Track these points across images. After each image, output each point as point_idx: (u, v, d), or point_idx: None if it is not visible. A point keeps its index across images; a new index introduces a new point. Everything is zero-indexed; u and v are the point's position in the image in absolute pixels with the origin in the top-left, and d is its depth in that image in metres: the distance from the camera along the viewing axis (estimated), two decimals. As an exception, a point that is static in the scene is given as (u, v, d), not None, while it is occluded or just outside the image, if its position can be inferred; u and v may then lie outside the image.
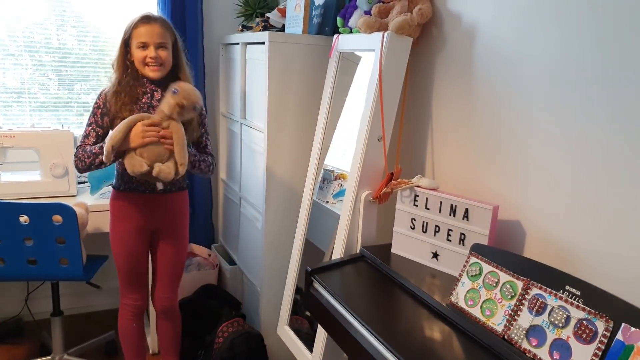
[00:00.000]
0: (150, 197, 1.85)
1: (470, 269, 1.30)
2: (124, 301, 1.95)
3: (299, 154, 2.16)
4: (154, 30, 1.74)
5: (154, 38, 1.74)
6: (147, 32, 1.74)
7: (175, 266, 1.97)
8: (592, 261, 1.24)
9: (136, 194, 1.84)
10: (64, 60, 2.58)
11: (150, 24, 1.75)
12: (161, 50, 1.76)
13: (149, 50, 1.74)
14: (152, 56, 1.74)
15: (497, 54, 1.50)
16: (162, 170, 1.68)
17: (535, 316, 1.10)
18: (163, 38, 1.76)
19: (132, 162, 1.68)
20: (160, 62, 1.76)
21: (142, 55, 1.75)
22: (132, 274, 1.90)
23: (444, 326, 1.27)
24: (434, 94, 1.78)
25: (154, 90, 1.83)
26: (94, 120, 1.80)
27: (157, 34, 1.74)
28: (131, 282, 1.92)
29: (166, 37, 1.77)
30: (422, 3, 1.68)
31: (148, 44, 1.74)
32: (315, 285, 1.57)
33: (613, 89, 1.18)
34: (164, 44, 1.76)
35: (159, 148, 1.69)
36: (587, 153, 1.25)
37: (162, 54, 1.76)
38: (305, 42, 2.07)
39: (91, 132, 1.79)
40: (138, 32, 1.74)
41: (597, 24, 1.21)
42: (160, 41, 1.75)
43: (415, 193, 1.57)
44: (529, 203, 1.41)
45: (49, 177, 2.23)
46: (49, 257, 1.93)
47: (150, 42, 1.74)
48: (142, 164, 1.67)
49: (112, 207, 1.89)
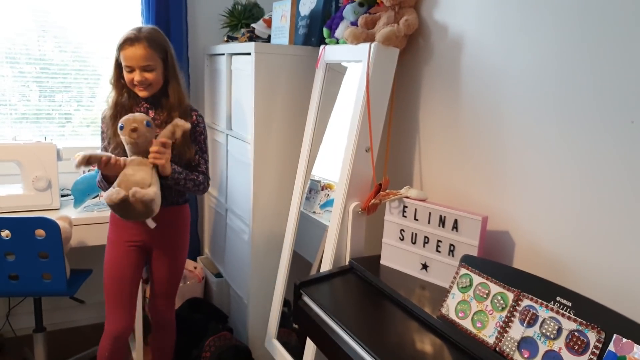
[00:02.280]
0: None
1: (460, 281, 1.28)
2: (105, 327, 1.85)
3: (286, 164, 2.14)
4: (138, 53, 1.67)
5: (139, 61, 1.67)
6: (132, 55, 1.67)
7: (172, 277, 1.94)
8: (582, 271, 1.24)
9: None
10: (45, 71, 2.52)
11: (134, 45, 1.67)
12: (147, 73, 1.70)
13: (135, 73, 1.69)
14: (137, 80, 1.69)
15: (483, 65, 1.50)
16: (137, 191, 1.59)
17: (526, 328, 1.09)
18: (148, 60, 1.68)
19: (109, 193, 1.61)
20: (147, 84, 1.71)
21: (129, 77, 1.71)
22: (117, 292, 1.81)
23: (434, 338, 1.26)
24: (421, 105, 1.78)
25: (148, 109, 1.80)
26: (102, 146, 1.82)
27: (141, 57, 1.67)
28: (115, 303, 1.82)
29: (152, 58, 1.69)
30: (408, 14, 1.68)
31: (134, 67, 1.69)
32: (304, 298, 1.54)
33: (601, 99, 1.18)
34: (150, 66, 1.69)
35: (136, 177, 1.63)
36: (575, 163, 1.25)
37: (148, 77, 1.70)
38: (291, 52, 2.06)
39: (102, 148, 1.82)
40: (124, 55, 1.68)
41: (583, 34, 1.22)
42: (144, 64, 1.68)
43: (404, 204, 1.56)
44: (517, 213, 1.41)
45: (31, 190, 2.17)
46: (32, 272, 1.87)
47: (135, 66, 1.68)
48: (118, 192, 1.59)
49: (110, 219, 1.87)
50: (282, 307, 2.09)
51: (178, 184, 1.76)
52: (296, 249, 2.07)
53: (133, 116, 1.67)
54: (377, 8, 1.79)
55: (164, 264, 1.89)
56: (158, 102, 1.79)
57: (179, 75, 1.80)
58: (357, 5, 1.83)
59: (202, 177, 1.84)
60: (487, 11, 1.48)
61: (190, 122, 1.79)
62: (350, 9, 1.83)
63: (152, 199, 1.62)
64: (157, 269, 1.90)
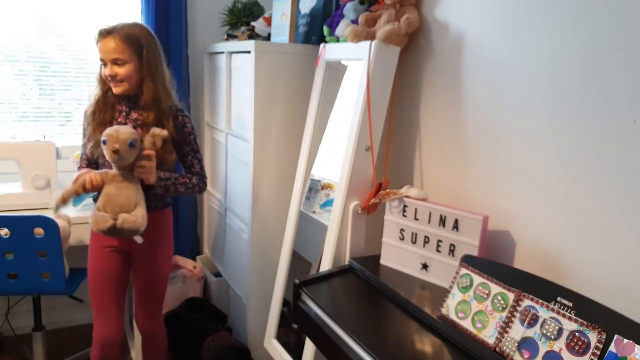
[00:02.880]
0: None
1: (460, 281, 1.28)
2: (93, 335, 1.80)
3: (286, 163, 2.13)
4: (108, 46, 1.63)
5: (109, 54, 1.64)
6: (102, 48, 1.64)
7: (154, 290, 1.86)
8: (584, 272, 1.24)
9: None
10: (45, 70, 2.52)
11: (105, 38, 1.64)
12: (117, 67, 1.65)
13: (107, 67, 1.65)
14: (107, 74, 1.65)
15: (485, 63, 1.50)
16: (125, 220, 1.57)
17: (527, 328, 1.09)
18: (118, 53, 1.63)
19: (96, 220, 1.58)
20: (117, 79, 1.66)
21: (103, 72, 1.68)
22: (102, 298, 1.77)
23: (435, 339, 1.25)
24: (422, 104, 1.78)
25: (131, 109, 1.74)
26: (84, 142, 1.78)
27: (111, 50, 1.63)
28: (101, 309, 1.77)
29: (123, 52, 1.64)
30: (409, 12, 1.67)
31: (105, 60, 1.65)
32: (303, 298, 1.54)
33: (603, 97, 1.18)
34: (120, 60, 1.64)
35: (121, 198, 1.60)
36: (577, 163, 1.24)
37: (118, 71, 1.65)
38: (292, 51, 2.05)
39: (83, 155, 1.80)
40: (98, 48, 1.66)
41: (587, 33, 1.21)
42: (114, 57, 1.64)
43: (404, 203, 1.56)
44: (518, 213, 1.40)
45: (30, 188, 2.17)
46: (30, 270, 1.87)
47: (105, 59, 1.65)
48: (105, 219, 1.57)
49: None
50: (281, 306, 2.09)
51: (168, 191, 1.71)
52: (296, 249, 2.07)
53: (117, 132, 1.57)
54: (377, 6, 1.78)
55: (144, 274, 1.82)
56: (137, 103, 1.72)
57: (158, 73, 1.71)
58: (358, 3, 1.82)
59: (197, 178, 1.80)
60: (489, 9, 1.47)
61: (177, 123, 1.74)
62: (351, 7, 1.82)
63: (140, 225, 1.60)
64: (140, 280, 1.83)
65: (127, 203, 1.60)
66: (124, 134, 1.57)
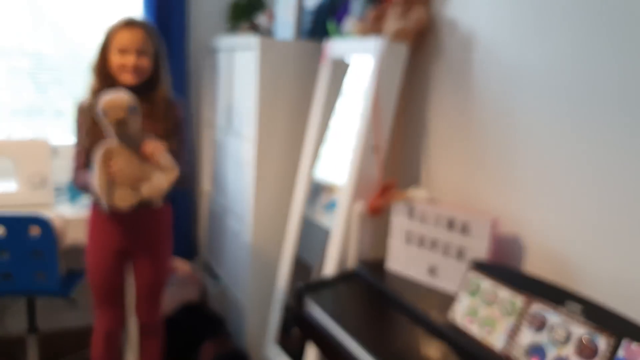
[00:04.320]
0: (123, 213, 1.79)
1: (469, 285, 1.31)
2: (95, 324, 1.91)
3: (288, 164, 2.17)
4: (136, 37, 1.72)
5: (135, 44, 1.71)
6: (128, 38, 1.71)
7: (154, 286, 1.94)
8: (594, 276, 1.27)
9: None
10: (39, 65, 2.56)
11: (133, 29, 1.72)
12: (142, 58, 1.73)
13: (128, 57, 1.71)
14: (133, 64, 1.71)
15: (496, 63, 1.53)
16: (150, 188, 1.63)
17: (535, 333, 1.12)
18: (144, 45, 1.73)
19: (122, 197, 1.64)
20: (140, 70, 1.74)
21: (120, 61, 1.72)
22: (103, 291, 1.87)
23: (442, 345, 1.29)
24: (430, 103, 1.81)
25: None
26: (79, 138, 1.80)
27: (138, 40, 1.72)
28: (102, 302, 1.88)
29: (148, 45, 1.75)
30: (418, 10, 1.71)
31: (128, 50, 1.71)
32: (307, 302, 1.57)
33: (617, 100, 1.21)
34: (145, 52, 1.74)
35: (135, 170, 1.65)
36: (589, 165, 1.28)
37: (142, 62, 1.74)
38: (296, 47, 2.09)
39: (81, 151, 1.80)
40: (120, 37, 1.72)
41: (602, 34, 1.24)
42: (141, 47, 1.72)
43: (411, 206, 1.59)
44: (528, 216, 1.44)
45: (26, 187, 2.21)
46: (25, 271, 1.90)
47: (130, 49, 1.71)
48: (131, 194, 1.63)
49: (89, 220, 1.88)
50: (282, 310, 2.12)
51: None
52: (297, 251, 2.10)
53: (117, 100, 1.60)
54: (385, 3, 1.82)
55: (146, 269, 1.90)
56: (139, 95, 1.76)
57: (167, 70, 1.85)
58: (365, 0, 1.86)
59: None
60: (501, 8, 1.51)
61: (178, 114, 1.86)
62: (358, 3, 1.86)
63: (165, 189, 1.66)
64: (140, 274, 1.92)
65: (143, 172, 1.66)
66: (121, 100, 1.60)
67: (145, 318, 1.98)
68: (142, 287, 1.94)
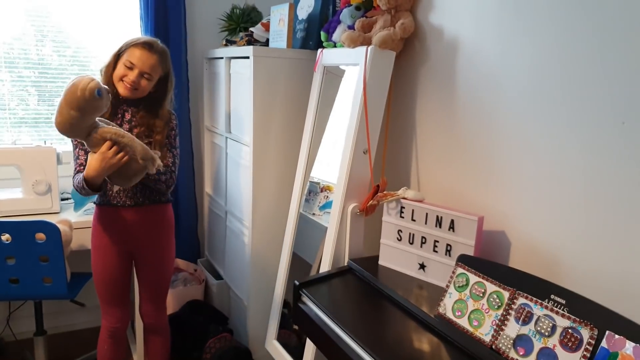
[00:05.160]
0: (126, 211, 1.80)
1: (457, 280, 1.31)
2: (102, 321, 1.91)
3: (285, 166, 2.16)
4: (148, 60, 1.71)
5: (144, 66, 1.71)
6: (143, 57, 1.70)
7: (159, 284, 1.94)
8: (577, 271, 1.27)
9: (112, 209, 1.80)
10: (44, 75, 2.55)
11: (150, 52, 1.72)
12: (143, 80, 1.73)
13: (132, 72, 1.70)
14: (131, 80, 1.70)
15: (479, 67, 1.53)
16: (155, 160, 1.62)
17: (522, 325, 1.12)
18: (152, 70, 1.73)
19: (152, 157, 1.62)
20: (136, 87, 1.72)
21: (123, 73, 1.71)
22: (108, 293, 1.86)
23: (432, 337, 1.28)
24: (417, 107, 1.81)
25: (125, 111, 1.80)
26: (77, 142, 1.76)
27: (149, 65, 1.71)
28: (108, 301, 1.87)
29: (156, 72, 1.75)
30: (404, 17, 1.71)
31: (135, 67, 1.70)
32: (303, 299, 1.57)
33: (596, 99, 1.21)
34: (150, 77, 1.73)
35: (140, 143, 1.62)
36: (571, 163, 1.28)
37: (142, 83, 1.73)
38: (290, 56, 2.09)
39: (79, 153, 1.77)
40: (134, 53, 1.70)
41: (580, 36, 1.25)
42: (148, 71, 1.72)
43: (402, 205, 1.59)
44: (513, 213, 1.44)
45: (31, 194, 2.19)
46: (32, 276, 1.89)
47: (137, 67, 1.70)
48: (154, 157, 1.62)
49: (93, 223, 1.87)
50: (282, 308, 2.11)
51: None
52: (295, 251, 2.10)
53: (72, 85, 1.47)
54: (373, 12, 1.82)
55: (150, 268, 1.90)
56: (135, 106, 1.79)
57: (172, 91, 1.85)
58: (354, 9, 1.86)
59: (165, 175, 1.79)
60: (483, 15, 1.51)
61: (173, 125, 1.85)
62: (347, 12, 1.85)
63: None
64: (144, 273, 1.91)
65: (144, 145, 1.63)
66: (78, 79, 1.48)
67: (151, 319, 1.96)
68: (146, 288, 1.93)
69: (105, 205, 1.82)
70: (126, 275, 1.89)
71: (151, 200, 1.83)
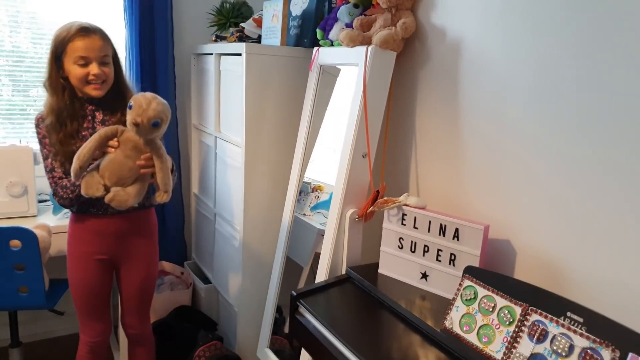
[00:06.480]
0: (105, 220, 1.66)
1: (464, 293, 1.25)
2: (81, 335, 1.77)
3: (278, 168, 2.08)
4: (95, 44, 1.54)
5: (97, 52, 1.54)
6: (87, 46, 1.53)
7: (143, 294, 1.81)
8: (584, 281, 1.22)
9: (91, 217, 1.66)
10: (19, 64, 2.40)
11: (90, 36, 1.54)
12: (104, 66, 1.57)
13: (91, 66, 1.54)
14: (95, 73, 1.54)
15: (483, 69, 1.48)
16: (116, 195, 1.48)
17: (536, 344, 1.06)
18: (106, 51, 1.57)
19: (88, 183, 1.49)
20: (103, 78, 1.57)
21: (82, 72, 1.54)
22: (88, 305, 1.72)
23: (439, 353, 1.23)
24: (418, 110, 1.75)
25: (94, 111, 1.64)
26: (48, 151, 1.60)
27: (100, 48, 1.55)
28: (88, 315, 1.73)
29: (108, 51, 1.59)
30: (405, 16, 1.64)
31: (89, 60, 1.54)
32: (301, 310, 1.50)
33: (606, 105, 1.16)
34: (107, 59, 1.58)
35: (124, 169, 1.50)
36: (578, 170, 1.23)
37: (105, 70, 1.57)
38: (284, 54, 2.00)
39: (54, 163, 1.59)
40: (75, 46, 1.52)
41: (587, 38, 1.20)
42: (103, 55, 1.56)
43: (403, 212, 1.52)
44: (518, 222, 1.39)
45: (6, 196, 2.06)
46: (7, 285, 1.77)
47: (92, 57, 1.54)
48: (98, 187, 1.48)
49: (69, 231, 1.72)
50: (274, 314, 2.04)
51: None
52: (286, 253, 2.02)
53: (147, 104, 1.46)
54: (372, 10, 1.74)
55: (134, 278, 1.76)
56: (105, 103, 1.64)
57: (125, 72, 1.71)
58: (352, 7, 1.78)
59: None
60: (487, 15, 1.45)
61: None
62: (345, 10, 1.77)
63: (128, 205, 1.53)
64: (127, 283, 1.77)
65: (128, 176, 1.51)
66: (154, 110, 1.46)
67: (134, 329, 1.85)
68: (130, 299, 1.80)
69: (84, 214, 1.67)
70: (107, 286, 1.76)
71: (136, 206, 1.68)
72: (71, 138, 1.58)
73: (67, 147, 1.56)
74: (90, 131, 1.62)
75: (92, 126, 1.63)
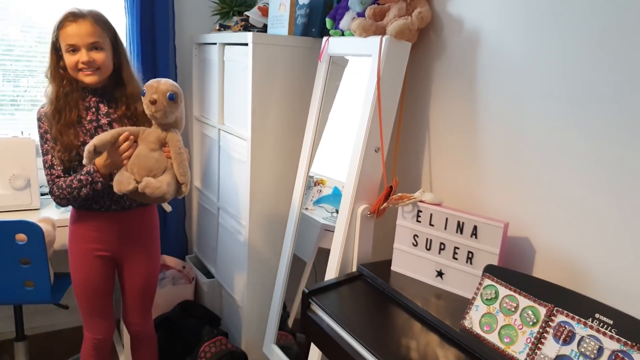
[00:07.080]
0: (107, 217, 1.62)
1: (484, 292, 1.22)
2: (85, 333, 1.73)
3: (284, 162, 2.03)
4: (83, 29, 1.47)
5: (84, 38, 1.47)
6: (76, 32, 1.46)
7: (145, 291, 1.77)
8: (605, 279, 1.20)
9: (92, 213, 1.62)
10: (8, 53, 2.32)
11: (78, 21, 1.47)
12: (95, 52, 1.49)
13: (80, 53, 1.48)
14: (84, 60, 1.48)
15: (502, 62, 1.43)
16: (148, 184, 1.44)
17: (562, 345, 1.04)
18: (95, 37, 1.49)
19: (119, 180, 1.46)
20: (95, 66, 1.50)
21: (73, 60, 1.48)
22: (91, 303, 1.68)
23: (458, 353, 1.20)
24: (432, 103, 1.70)
25: (98, 102, 1.58)
26: (49, 147, 1.55)
27: (87, 34, 1.47)
28: (91, 313, 1.69)
29: (100, 36, 1.50)
30: (421, 6, 1.59)
31: (78, 47, 1.47)
32: (313, 307, 1.46)
33: (626, 102, 1.13)
34: (98, 44, 1.50)
35: (150, 161, 1.47)
36: (601, 166, 1.20)
37: (96, 57, 1.49)
38: (291, 43, 1.94)
39: (53, 160, 1.55)
40: (66, 33, 1.47)
41: (613, 36, 1.15)
42: (92, 41, 1.48)
43: (419, 208, 1.49)
44: (538, 219, 1.36)
45: (8, 189, 2.00)
46: (12, 279, 1.72)
47: (80, 44, 1.47)
48: (129, 181, 1.45)
49: (70, 228, 1.67)
50: (281, 310, 2.01)
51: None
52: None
53: (157, 82, 1.45)
54: (385, -1, 1.68)
55: (137, 275, 1.72)
56: (110, 94, 1.58)
57: (129, 62, 1.63)
58: (364, -5, 1.72)
59: None
60: (508, 5, 1.40)
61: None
62: (356, -1, 1.72)
63: (165, 193, 1.47)
64: (130, 281, 1.73)
65: (156, 167, 1.48)
66: (165, 85, 1.45)
67: (137, 327, 1.80)
68: (132, 295, 1.75)
69: (86, 210, 1.62)
70: (110, 283, 1.71)
71: (133, 204, 1.64)
72: (70, 127, 1.53)
73: (66, 136, 1.51)
74: (95, 124, 1.57)
75: (96, 118, 1.58)
